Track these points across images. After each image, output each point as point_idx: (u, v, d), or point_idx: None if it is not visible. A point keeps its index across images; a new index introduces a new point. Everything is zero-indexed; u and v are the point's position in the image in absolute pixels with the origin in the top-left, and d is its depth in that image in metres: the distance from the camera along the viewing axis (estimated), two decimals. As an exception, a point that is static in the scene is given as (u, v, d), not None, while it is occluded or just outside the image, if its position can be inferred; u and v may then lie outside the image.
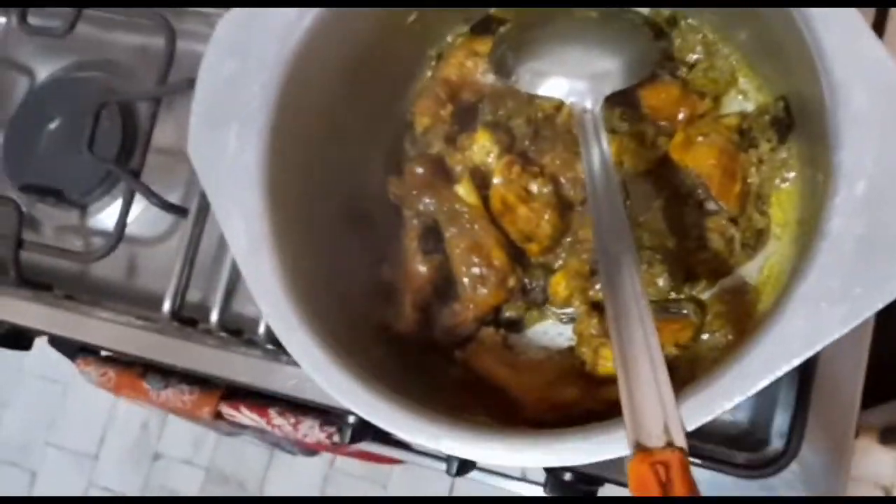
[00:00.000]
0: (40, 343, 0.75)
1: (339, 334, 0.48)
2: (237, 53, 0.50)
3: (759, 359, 0.39)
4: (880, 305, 0.38)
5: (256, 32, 0.50)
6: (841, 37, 0.42)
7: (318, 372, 0.45)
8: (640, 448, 0.38)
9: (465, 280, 0.55)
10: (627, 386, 0.41)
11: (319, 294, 0.50)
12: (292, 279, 0.48)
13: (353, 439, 0.63)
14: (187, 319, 0.65)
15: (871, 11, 0.56)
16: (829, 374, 0.54)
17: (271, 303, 0.46)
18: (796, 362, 0.39)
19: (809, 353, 0.38)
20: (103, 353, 0.72)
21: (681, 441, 0.38)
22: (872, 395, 0.88)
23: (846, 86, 0.41)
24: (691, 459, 0.39)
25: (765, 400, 0.55)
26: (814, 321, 0.39)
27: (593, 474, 0.58)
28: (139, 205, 0.71)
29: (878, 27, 0.56)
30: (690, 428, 0.39)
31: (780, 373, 0.39)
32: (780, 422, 0.54)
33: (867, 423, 1.08)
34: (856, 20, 0.42)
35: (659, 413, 0.39)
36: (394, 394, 0.45)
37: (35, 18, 0.75)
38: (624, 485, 0.40)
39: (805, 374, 0.53)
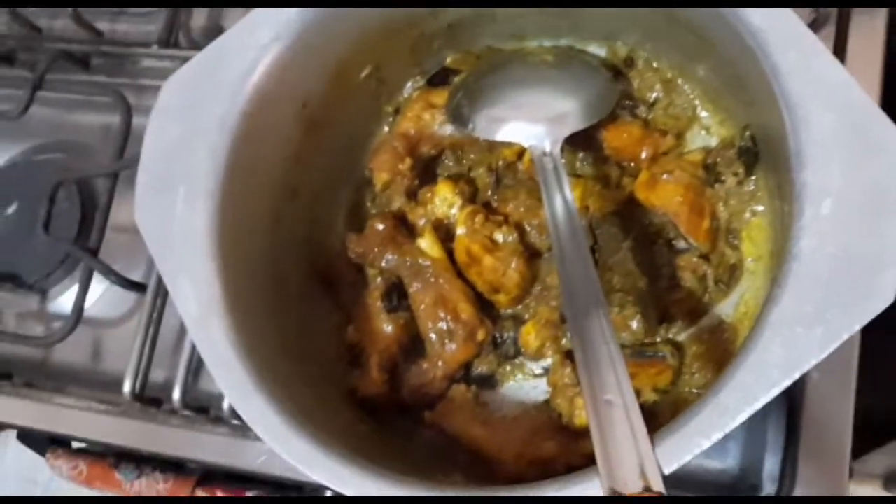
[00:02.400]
0: (15, 443, 0.71)
1: (301, 400, 0.46)
2: (183, 117, 0.48)
3: (736, 391, 0.37)
4: (857, 327, 0.36)
5: (202, 94, 0.48)
6: (797, 58, 0.41)
7: (277, 439, 0.42)
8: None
9: (433, 336, 0.53)
10: (600, 431, 0.38)
11: (279, 359, 0.48)
12: (248, 344, 0.45)
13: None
14: (150, 399, 0.62)
15: (832, 32, 0.55)
16: (817, 412, 0.51)
17: (224, 370, 0.44)
18: (775, 392, 0.36)
19: (788, 382, 0.36)
20: (74, 444, 0.69)
21: (658, 486, 0.36)
22: (869, 442, 0.85)
23: (805, 106, 0.40)
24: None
25: (754, 444, 0.52)
26: (790, 347, 0.36)
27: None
28: (101, 286, 0.69)
29: (840, 49, 0.55)
30: (668, 470, 0.37)
31: (758, 405, 0.36)
32: (771, 465, 0.52)
33: (870, 471, 1.06)
34: (811, 41, 0.41)
35: (634, 457, 0.37)
36: (360, 459, 0.43)
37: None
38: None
39: (792, 414, 0.51)
